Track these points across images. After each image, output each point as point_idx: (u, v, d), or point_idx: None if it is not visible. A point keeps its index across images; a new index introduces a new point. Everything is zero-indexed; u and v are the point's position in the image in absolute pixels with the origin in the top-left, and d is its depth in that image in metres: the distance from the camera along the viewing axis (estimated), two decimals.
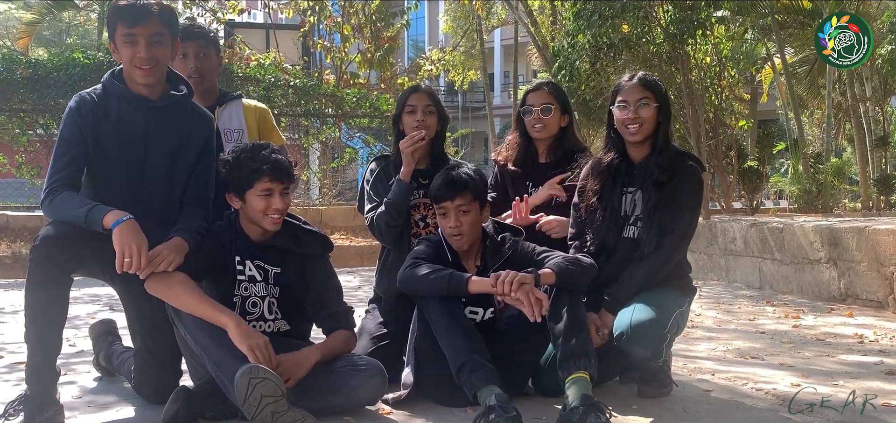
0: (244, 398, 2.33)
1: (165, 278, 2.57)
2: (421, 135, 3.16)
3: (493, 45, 35.04)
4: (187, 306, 2.56)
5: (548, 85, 3.50)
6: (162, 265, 2.55)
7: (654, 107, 2.90)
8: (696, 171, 2.97)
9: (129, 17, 2.63)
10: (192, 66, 3.33)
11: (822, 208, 9.92)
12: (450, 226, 2.86)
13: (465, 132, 29.09)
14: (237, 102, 3.54)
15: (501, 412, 2.44)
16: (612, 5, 8.72)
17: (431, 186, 2.95)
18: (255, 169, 2.70)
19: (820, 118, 16.27)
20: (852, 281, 5.44)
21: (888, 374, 3.37)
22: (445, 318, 2.72)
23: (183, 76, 2.96)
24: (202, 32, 3.42)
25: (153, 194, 2.77)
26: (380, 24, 14.32)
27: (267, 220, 2.73)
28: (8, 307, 5.42)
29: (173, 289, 2.57)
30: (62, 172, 2.63)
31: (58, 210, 2.59)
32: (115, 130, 2.71)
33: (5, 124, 9.85)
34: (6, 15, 22.71)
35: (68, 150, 2.66)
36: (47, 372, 2.57)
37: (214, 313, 2.54)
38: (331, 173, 11.93)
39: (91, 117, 2.68)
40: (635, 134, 2.91)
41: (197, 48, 3.35)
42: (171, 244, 2.60)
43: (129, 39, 2.64)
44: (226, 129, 3.44)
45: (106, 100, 2.72)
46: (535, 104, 3.37)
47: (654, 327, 2.74)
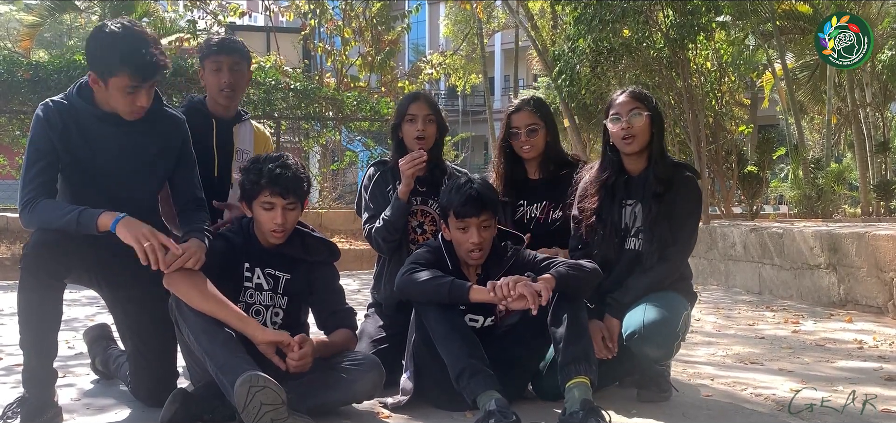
0: (243, 406, 2.32)
1: (189, 276, 2.53)
2: (422, 157, 3.11)
3: (494, 49, 35.06)
4: (208, 307, 2.51)
5: (528, 104, 3.41)
6: (191, 263, 2.51)
7: (645, 116, 2.94)
8: (693, 181, 3.02)
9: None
10: (225, 80, 3.30)
11: (821, 214, 9.92)
12: (472, 241, 2.81)
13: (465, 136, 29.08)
14: (249, 124, 3.54)
15: (501, 417, 2.44)
16: (612, 10, 8.72)
17: (449, 200, 2.86)
18: (256, 181, 2.69)
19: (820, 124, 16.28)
20: (852, 287, 5.44)
21: (887, 380, 3.37)
22: (444, 324, 2.71)
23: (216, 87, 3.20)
24: (237, 47, 3.37)
25: (131, 200, 2.67)
26: (380, 28, 14.34)
27: (268, 233, 2.73)
28: (7, 309, 5.41)
29: (198, 287, 2.52)
30: (37, 180, 2.55)
31: (40, 219, 2.51)
32: (85, 142, 2.63)
33: (6, 126, 9.87)
34: (7, 17, 22.70)
35: (40, 158, 2.57)
36: (44, 376, 2.57)
37: (239, 321, 2.53)
38: (331, 176, 11.94)
39: (59, 126, 2.59)
40: (630, 144, 2.95)
41: (231, 62, 3.31)
42: (195, 243, 2.58)
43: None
44: (239, 148, 3.44)
45: (74, 112, 2.63)
46: (520, 126, 3.34)
47: (666, 326, 2.76)
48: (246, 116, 3.54)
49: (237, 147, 3.42)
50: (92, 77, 2.58)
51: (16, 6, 19.85)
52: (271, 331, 2.58)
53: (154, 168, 2.77)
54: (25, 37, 16.36)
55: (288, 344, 2.53)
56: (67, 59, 9.75)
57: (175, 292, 2.55)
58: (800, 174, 10.80)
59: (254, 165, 2.76)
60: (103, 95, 2.61)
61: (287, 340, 2.54)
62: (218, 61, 3.29)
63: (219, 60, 3.29)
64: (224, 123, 3.37)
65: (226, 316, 2.52)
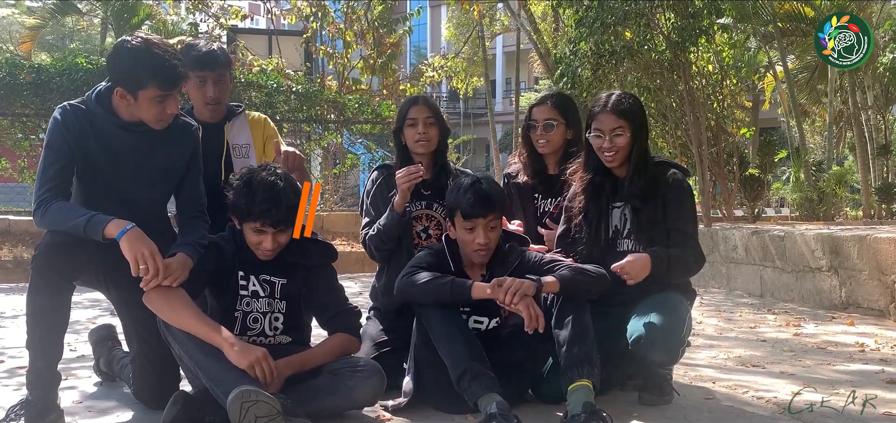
0: (238, 421, 2.32)
1: (166, 293, 2.54)
2: (419, 171, 3.10)
3: (496, 52, 35.09)
4: (184, 324, 2.53)
5: (552, 98, 3.44)
6: (169, 280, 2.53)
7: (628, 136, 2.93)
8: (681, 178, 3.02)
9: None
10: (210, 94, 3.31)
11: (823, 216, 9.92)
12: (478, 242, 2.81)
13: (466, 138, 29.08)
14: (242, 116, 3.53)
15: (502, 420, 2.44)
16: (614, 12, 8.73)
17: (456, 199, 2.86)
18: (247, 208, 2.66)
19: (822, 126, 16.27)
20: (853, 290, 5.44)
21: (889, 383, 3.36)
22: (445, 326, 2.71)
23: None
24: (220, 59, 3.36)
25: (143, 205, 2.75)
26: (382, 31, 14.35)
27: (258, 252, 2.73)
28: (9, 312, 5.42)
29: (172, 305, 2.54)
30: (52, 182, 2.60)
31: (53, 220, 2.55)
32: (100, 146, 2.68)
33: (8, 129, 9.88)
34: (9, 19, 22.77)
35: (57, 160, 2.62)
36: (49, 378, 2.58)
37: (210, 332, 2.51)
38: (332, 179, 11.94)
39: (76, 129, 2.64)
40: (612, 161, 2.96)
41: (216, 77, 3.32)
42: (178, 259, 2.59)
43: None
44: (234, 144, 3.43)
45: (91, 117, 2.68)
46: (538, 120, 3.37)
47: (670, 331, 2.76)
48: (240, 110, 3.52)
49: (231, 143, 3.41)
50: (119, 92, 2.63)
51: (18, 8, 19.92)
52: (241, 351, 2.48)
53: (168, 174, 2.81)
54: (27, 39, 16.40)
55: (264, 356, 2.49)
56: (69, 62, 9.77)
57: (151, 308, 2.57)
58: (801, 177, 10.80)
59: (245, 187, 2.68)
60: (129, 108, 2.66)
61: (260, 354, 2.49)
62: (202, 76, 3.29)
63: (203, 75, 3.29)
64: (213, 127, 3.35)
65: (199, 331, 2.51)
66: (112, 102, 2.68)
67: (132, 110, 2.66)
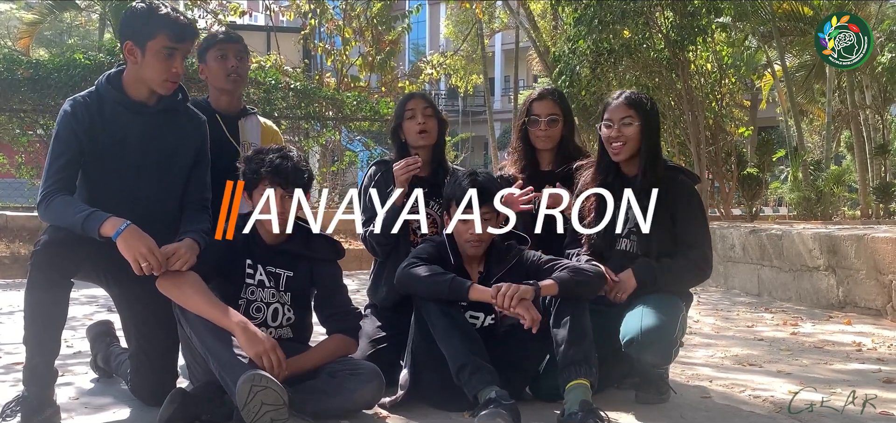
0: (244, 404, 2.33)
1: (177, 277, 2.56)
2: (417, 162, 3.13)
3: (494, 49, 35.11)
4: (196, 308, 2.55)
5: (552, 94, 3.46)
6: (177, 264, 2.54)
7: (636, 126, 2.95)
8: (689, 184, 3.05)
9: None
10: (232, 64, 3.40)
11: (821, 216, 9.93)
12: (471, 232, 2.84)
13: (465, 136, 29.12)
14: (255, 118, 3.59)
15: (501, 403, 2.47)
16: (612, 11, 8.73)
17: (452, 191, 2.90)
18: (257, 170, 2.73)
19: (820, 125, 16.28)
20: (851, 289, 5.44)
21: (886, 382, 3.37)
22: (444, 320, 2.71)
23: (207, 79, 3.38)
24: (241, 39, 3.53)
25: (148, 197, 2.76)
26: (381, 28, 14.34)
27: (269, 224, 2.74)
28: (5, 308, 5.39)
29: (184, 289, 2.56)
30: (57, 175, 2.62)
31: (54, 215, 2.57)
32: (109, 134, 2.70)
33: (5, 124, 9.86)
34: (7, 15, 22.70)
35: (64, 153, 2.64)
36: (45, 374, 2.57)
37: (223, 317, 2.53)
38: (331, 176, 11.93)
39: (86, 121, 2.67)
40: (618, 153, 2.98)
41: (236, 50, 3.44)
42: (185, 243, 2.60)
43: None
44: (248, 142, 3.46)
45: (100, 103, 2.72)
46: (541, 115, 3.37)
47: (663, 333, 2.76)
48: (252, 111, 3.60)
49: (243, 140, 3.45)
50: (128, 47, 2.69)
51: (16, 4, 19.87)
52: (251, 338, 2.50)
53: (174, 160, 2.81)
54: (25, 35, 16.34)
55: (272, 348, 2.51)
56: (67, 58, 9.74)
57: (163, 293, 2.59)
58: (799, 176, 10.82)
59: (256, 154, 2.80)
60: (136, 73, 2.71)
61: (270, 345, 2.51)
62: (223, 49, 3.41)
63: (224, 48, 3.41)
64: (229, 119, 3.42)
65: (212, 315, 2.53)
66: (122, 81, 2.73)
67: (140, 73, 2.70)
